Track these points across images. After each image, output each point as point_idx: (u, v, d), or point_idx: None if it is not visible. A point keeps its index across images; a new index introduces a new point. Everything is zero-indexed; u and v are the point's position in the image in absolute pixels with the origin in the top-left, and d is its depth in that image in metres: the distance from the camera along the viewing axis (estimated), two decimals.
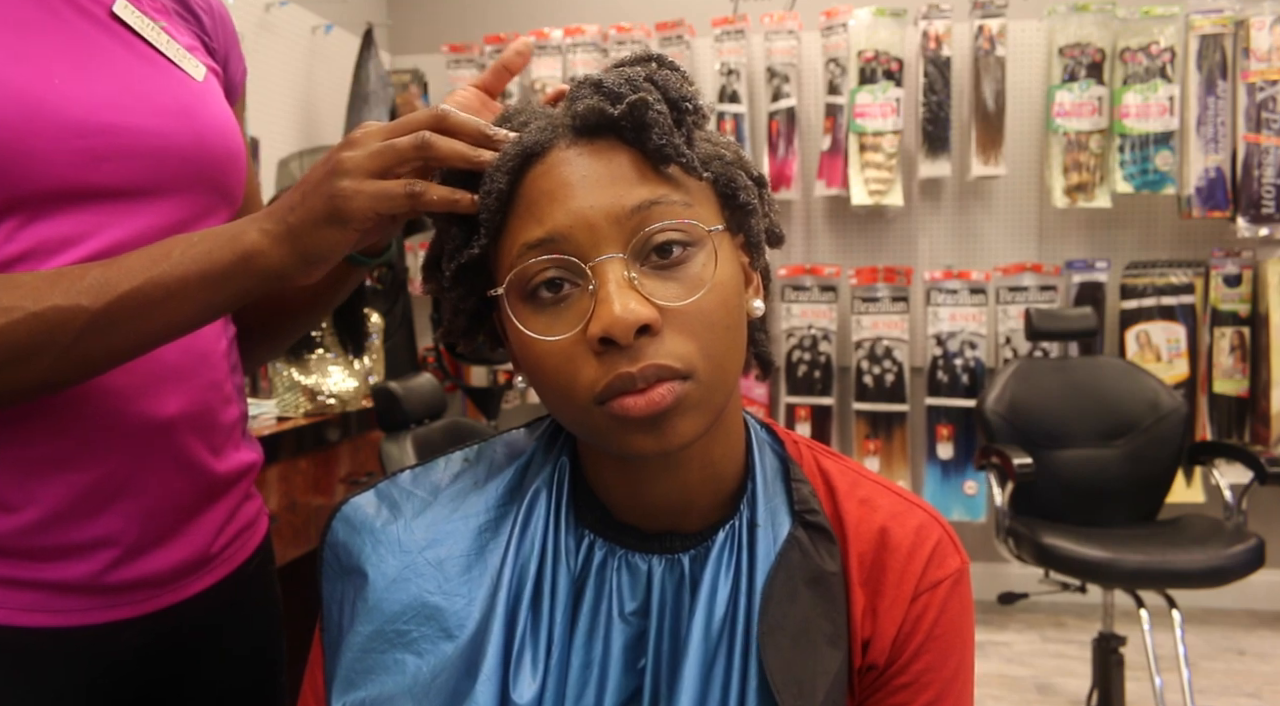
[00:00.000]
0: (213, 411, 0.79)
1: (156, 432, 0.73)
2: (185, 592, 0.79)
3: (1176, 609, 2.14)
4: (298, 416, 2.06)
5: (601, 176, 0.57)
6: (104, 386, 0.70)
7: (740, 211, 0.62)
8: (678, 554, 0.63)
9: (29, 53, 0.67)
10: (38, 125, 0.66)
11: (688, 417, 0.56)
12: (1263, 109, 2.86)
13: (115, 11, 0.74)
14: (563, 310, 0.57)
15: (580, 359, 0.56)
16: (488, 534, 0.64)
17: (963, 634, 0.64)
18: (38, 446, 0.69)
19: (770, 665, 0.58)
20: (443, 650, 0.60)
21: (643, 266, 0.56)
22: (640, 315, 0.54)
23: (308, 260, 0.63)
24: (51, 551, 0.70)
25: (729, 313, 0.58)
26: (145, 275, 0.63)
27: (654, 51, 0.63)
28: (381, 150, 0.60)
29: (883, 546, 0.63)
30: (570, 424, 0.60)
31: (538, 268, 0.57)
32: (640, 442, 0.56)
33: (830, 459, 0.68)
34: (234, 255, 0.63)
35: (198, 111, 0.76)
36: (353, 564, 0.64)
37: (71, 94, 0.68)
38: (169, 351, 0.73)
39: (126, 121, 0.71)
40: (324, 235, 0.62)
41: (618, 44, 3.21)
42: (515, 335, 0.59)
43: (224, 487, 0.81)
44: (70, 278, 0.63)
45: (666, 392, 0.54)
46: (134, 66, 0.73)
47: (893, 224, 3.25)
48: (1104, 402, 2.47)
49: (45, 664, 0.72)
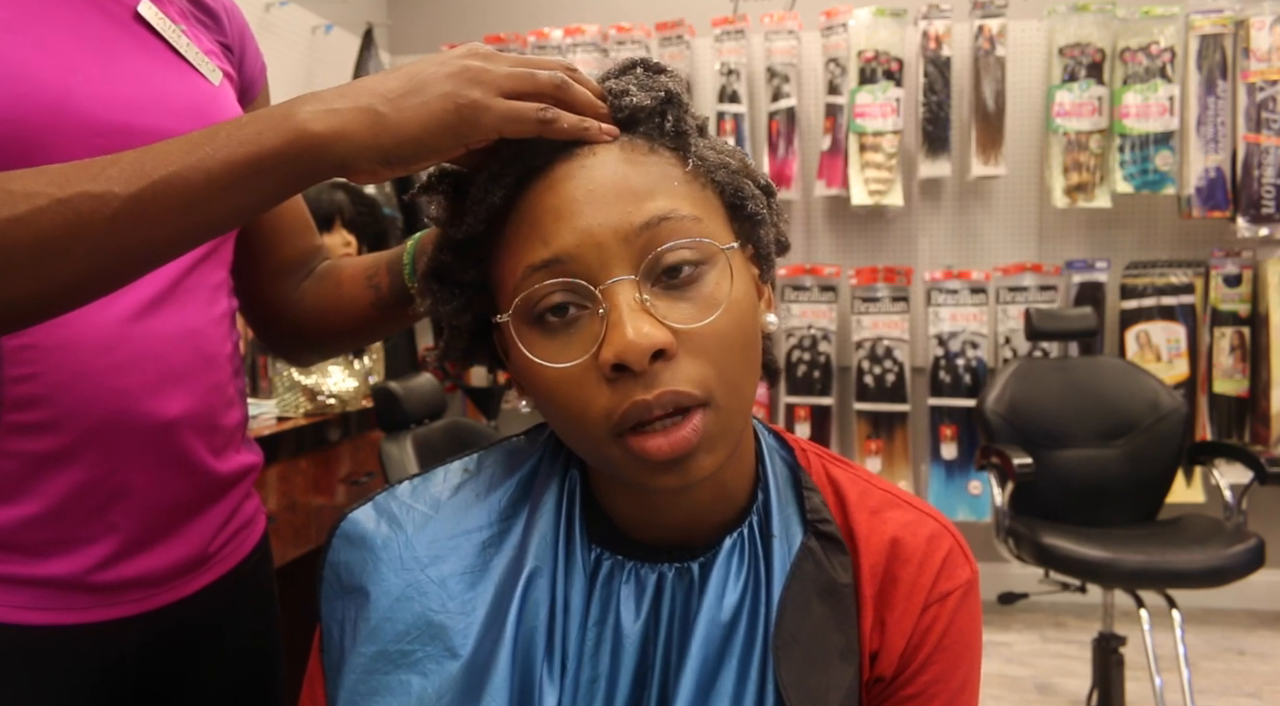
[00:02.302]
0: (216, 413, 0.79)
1: (160, 432, 0.73)
2: (184, 591, 0.79)
3: (1176, 609, 2.14)
4: (298, 416, 2.06)
5: (608, 192, 0.54)
6: (111, 385, 0.70)
7: (749, 222, 0.60)
8: (687, 562, 0.62)
9: (54, 50, 0.67)
10: (60, 122, 0.66)
11: (710, 453, 0.54)
12: (1263, 109, 2.86)
13: (139, 12, 0.74)
14: (572, 335, 0.54)
15: (592, 386, 0.53)
16: (491, 549, 0.62)
17: (971, 645, 0.63)
18: (39, 442, 0.69)
19: (784, 678, 0.57)
20: (447, 669, 0.58)
21: (654, 287, 0.54)
22: (655, 339, 0.51)
23: (389, 158, 0.56)
24: (49, 547, 0.70)
25: (744, 332, 0.56)
26: (184, 160, 0.55)
27: (641, 57, 0.62)
28: (521, 75, 0.56)
29: (894, 558, 0.62)
30: (583, 452, 0.59)
31: (545, 291, 0.54)
32: (661, 481, 0.54)
33: (839, 467, 0.67)
34: (292, 135, 0.55)
35: (212, 114, 0.76)
36: (354, 582, 0.63)
37: (94, 93, 0.68)
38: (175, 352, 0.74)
39: (144, 122, 0.71)
40: (429, 137, 0.55)
41: (618, 44, 3.20)
42: (522, 361, 0.56)
43: (224, 488, 0.82)
44: (101, 164, 0.56)
45: (691, 435, 0.52)
46: (154, 68, 0.74)
47: (893, 224, 3.25)
48: (1104, 402, 2.47)
49: (45, 662, 0.72)
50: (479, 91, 0.55)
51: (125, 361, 0.70)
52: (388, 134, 0.55)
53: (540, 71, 0.57)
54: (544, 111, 0.55)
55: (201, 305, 0.78)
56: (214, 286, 0.81)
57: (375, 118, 0.55)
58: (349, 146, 0.55)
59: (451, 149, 0.56)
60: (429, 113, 0.55)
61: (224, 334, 0.81)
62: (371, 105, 0.55)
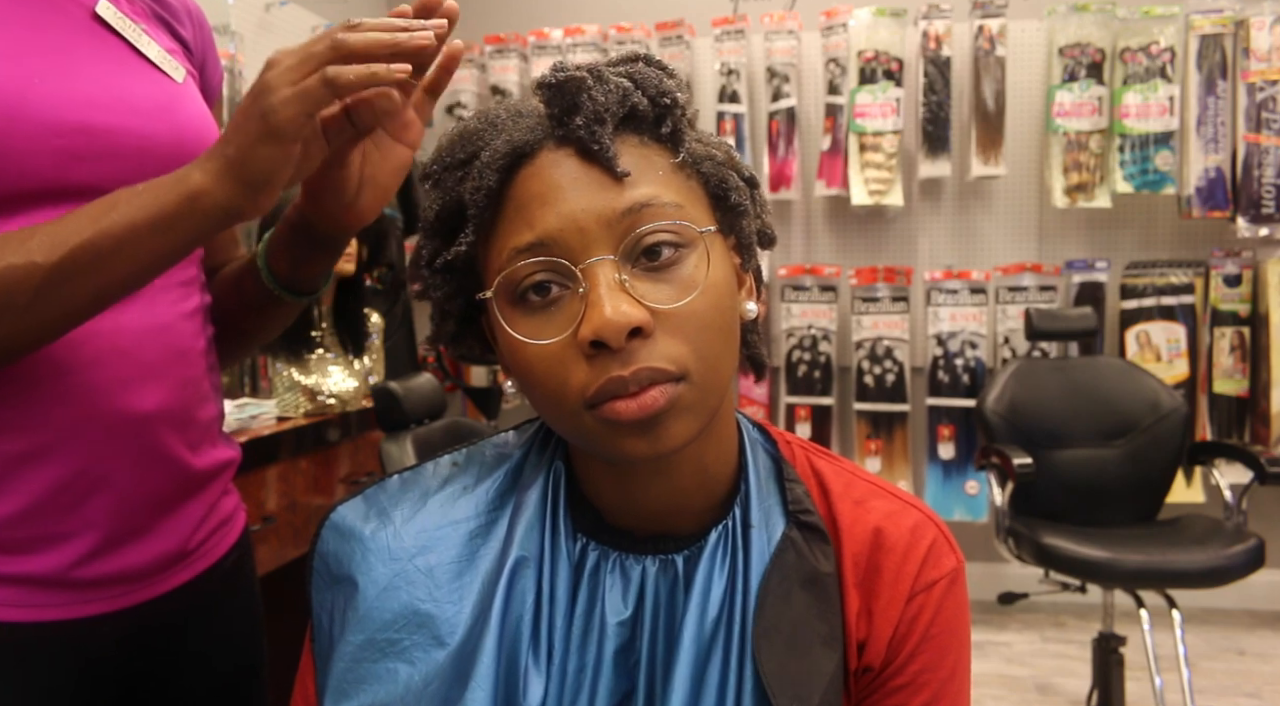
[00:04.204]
0: (190, 408, 0.79)
1: (134, 427, 0.74)
2: (163, 587, 0.79)
3: (1176, 609, 2.14)
4: (298, 416, 2.06)
5: (592, 179, 0.56)
6: (81, 381, 0.70)
7: (732, 213, 0.61)
8: (671, 554, 0.62)
9: (10, 51, 0.68)
10: (17, 125, 0.66)
11: (681, 421, 0.55)
12: (1263, 109, 2.86)
13: (98, 12, 0.74)
14: (553, 313, 0.56)
15: (571, 362, 0.55)
16: (478, 539, 0.63)
17: (959, 634, 0.63)
18: (15, 440, 0.69)
19: (765, 667, 0.57)
20: (434, 657, 0.59)
21: (633, 268, 0.55)
22: (631, 317, 0.53)
23: (252, 187, 0.63)
24: (27, 544, 0.71)
25: (721, 314, 0.57)
26: (94, 227, 0.62)
27: (645, 53, 0.62)
28: (298, 61, 0.61)
29: (877, 547, 0.63)
30: (560, 428, 0.60)
31: (526, 270, 0.56)
32: (632, 446, 0.55)
33: (824, 459, 0.68)
34: (180, 197, 0.63)
35: (176, 112, 0.77)
36: (343, 572, 0.64)
37: (51, 93, 0.68)
38: (147, 348, 0.74)
39: (106, 121, 0.71)
40: (262, 155, 0.61)
41: (618, 44, 3.20)
42: (505, 339, 0.58)
43: (201, 483, 0.82)
44: (19, 238, 0.63)
45: (659, 395, 0.54)
46: (114, 67, 0.74)
47: (893, 224, 3.25)
48: (1104, 402, 2.47)
49: (24, 659, 0.72)
50: (272, 96, 0.60)
51: (95, 357, 0.70)
52: (239, 171, 0.62)
53: (315, 46, 0.61)
54: (322, 74, 0.59)
55: (171, 301, 0.79)
56: (183, 283, 0.81)
57: (224, 163, 0.63)
58: (219, 197, 0.63)
59: (286, 152, 0.62)
60: (246, 137, 0.62)
61: (196, 329, 0.81)
62: (221, 153, 0.63)
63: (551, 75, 0.57)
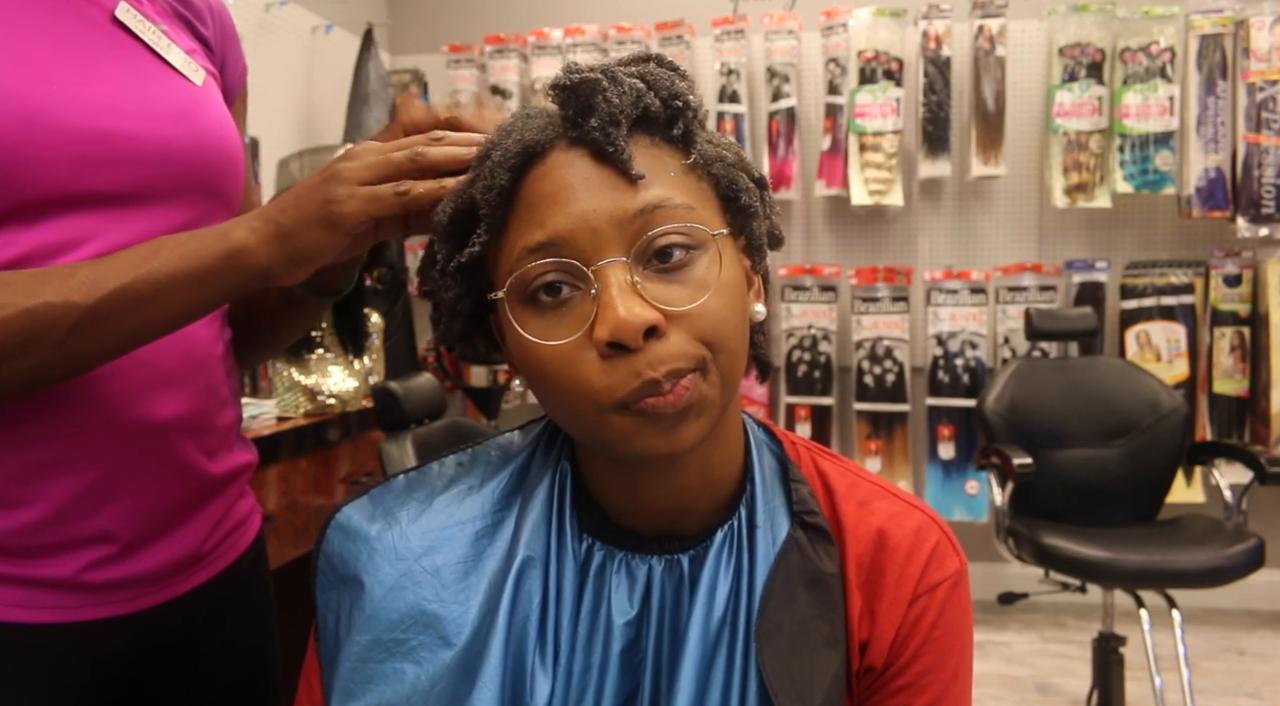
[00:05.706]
0: (208, 415, 0.79)
1: (152, 435, 0.73)
2: (177, 590, 0.79)
3: (1176, 609, 2.14)
4: (298, 416, 2.06)
5: (604, 180, 0.56)
6: (101, 390, 0.70)
7: (742, 214, 0.61)
8: (676, 554, 0.62)
9: (30, 58, 0.67)
10: (37, 133, 0.66)
11: (698, 420, 0.56)
12: (1263, 109, 2.86)
13: (117, 15, 0.73)
14: (564, 314, 0.56)
15: (585, 363, 0.55)
16: (484, 539, 0.63)
17: (961, 635, 0.63)
18: (35, 449, 0.69)
19: (767, 667, 0.58)
20: (441, 657, 0.59)
21: (645, 270, 0.56)
22: (645, 317, 0.53)
23: (294, 260, 0.64)
24: (46, 550, 0.70)
25: (734, 313, 0.57)
26: (134, 273, 0.64)
27: (656, 53, 0.63)
28: (377, 162, 0.63)
29: (881, 548, 0.63)
30: (573, 427, 0.60)
31: (538, 271, 0.56)
32: (649, 444, 0.55)
33: (828, 460, 0.68)
34: (221, 253, 0.64)
35: (197, 116, 0.76)
36: (349, 572, 0.64)
37: (71, 100, 0.68)
38: (166, 356, 0.73)
39: (125, 127, 0.71)
40: (314, 237, 0.63)
41: (618, 44, 3.20)
42: (515, 339, 0.58)
43: (218, 489, 0.82)
44: (61, 275, 0.63)
45: (689, 384, 0.54)
46: (134, 72, 0.73)
47: (893, 224, 3.25)
48: (1104, 402, 2.47)
49: (37, 660, 0.72)
50: (342, 188, 0.62)
51: (115, 367, 0.70)
52: (287, 242, 0.64)
53: (396, 153, 0.63)
54: (398, 186, 0.62)
55: None
56: None
57: (275, 230, 0.64)
58: (259, 259, 0.64)
59: (337, 241, 0.64)
60: (304, 215, 0.63)
61: (214, 336, 0.81)
62: (274, 219, 0.64)
63: (566, 77, 0.57)
